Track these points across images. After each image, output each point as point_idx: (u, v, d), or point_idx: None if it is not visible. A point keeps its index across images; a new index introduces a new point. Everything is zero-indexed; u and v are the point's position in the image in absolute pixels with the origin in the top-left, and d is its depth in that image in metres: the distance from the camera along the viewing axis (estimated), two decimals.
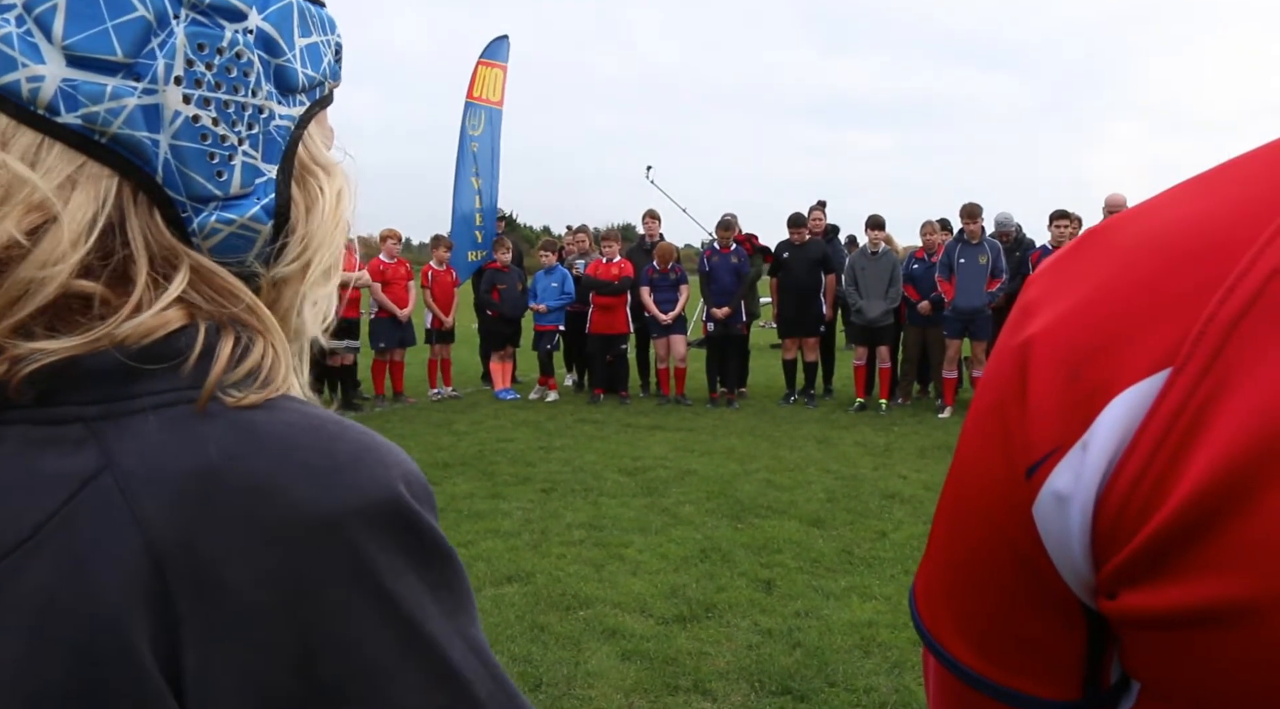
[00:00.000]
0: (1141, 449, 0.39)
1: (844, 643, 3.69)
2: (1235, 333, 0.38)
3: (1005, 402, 0.45)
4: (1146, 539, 0.39)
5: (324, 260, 0.62)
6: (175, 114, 0.55)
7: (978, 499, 0.48)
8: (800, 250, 9.77)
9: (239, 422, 0.52)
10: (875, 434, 8.26)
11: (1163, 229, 0.43)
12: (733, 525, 5.37)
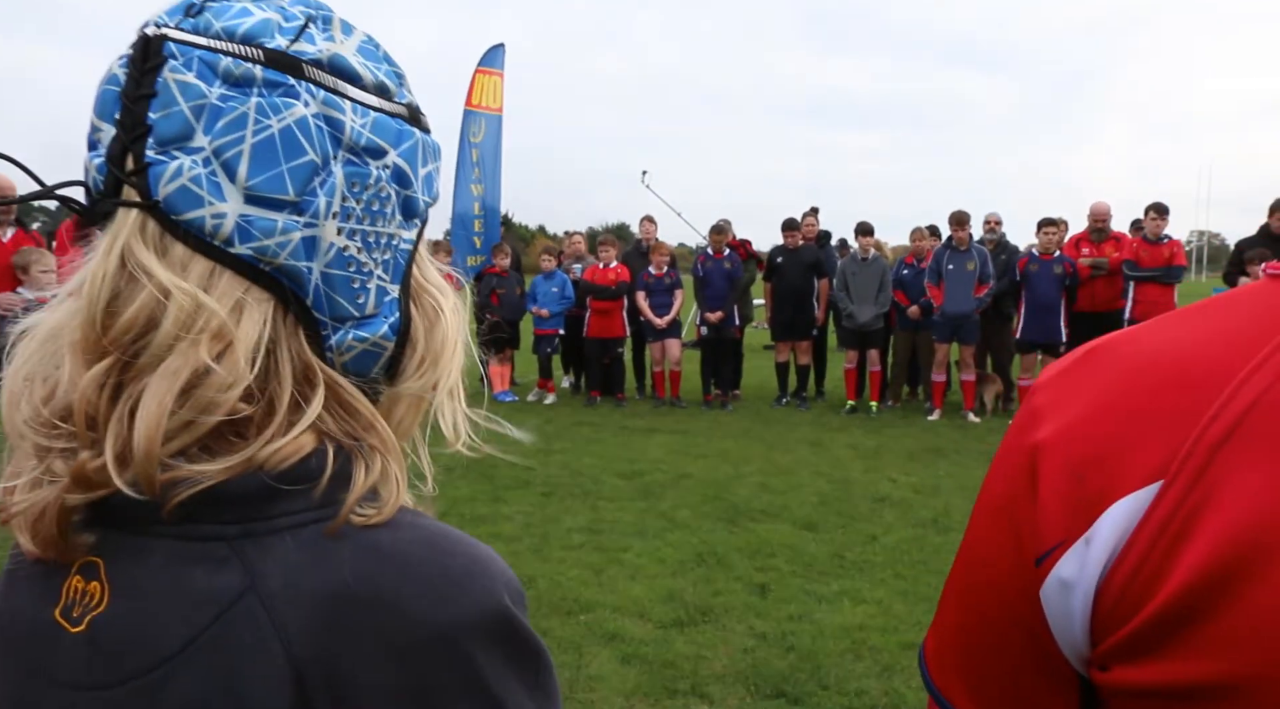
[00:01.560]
0: (1138, 548, 0.46)
1: (836, 646, 3.85)
2: (1219, 454, 0.44)
3: (1017, 497, 0.52)
4: (1141, 623, 0.46)
5: (450, 378, 0.67)
6: (330, 245, 0.60)
7: (990, 579, 0.55)
8: (794, 255, 9.92)
9: (366, 542, 0.57)
10: (866, 437, 8.42)
11: (1156, 352, 0.50)
12: (728, 529, 5.52)
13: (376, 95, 0.63)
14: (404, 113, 0.65)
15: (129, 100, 0.58)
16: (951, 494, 6.33)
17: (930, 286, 9.23)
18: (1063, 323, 8.96)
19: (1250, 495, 0.43)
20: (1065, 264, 8.94)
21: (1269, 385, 0.44)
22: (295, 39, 0.61)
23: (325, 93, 0.61)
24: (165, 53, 0.58)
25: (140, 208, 0.58)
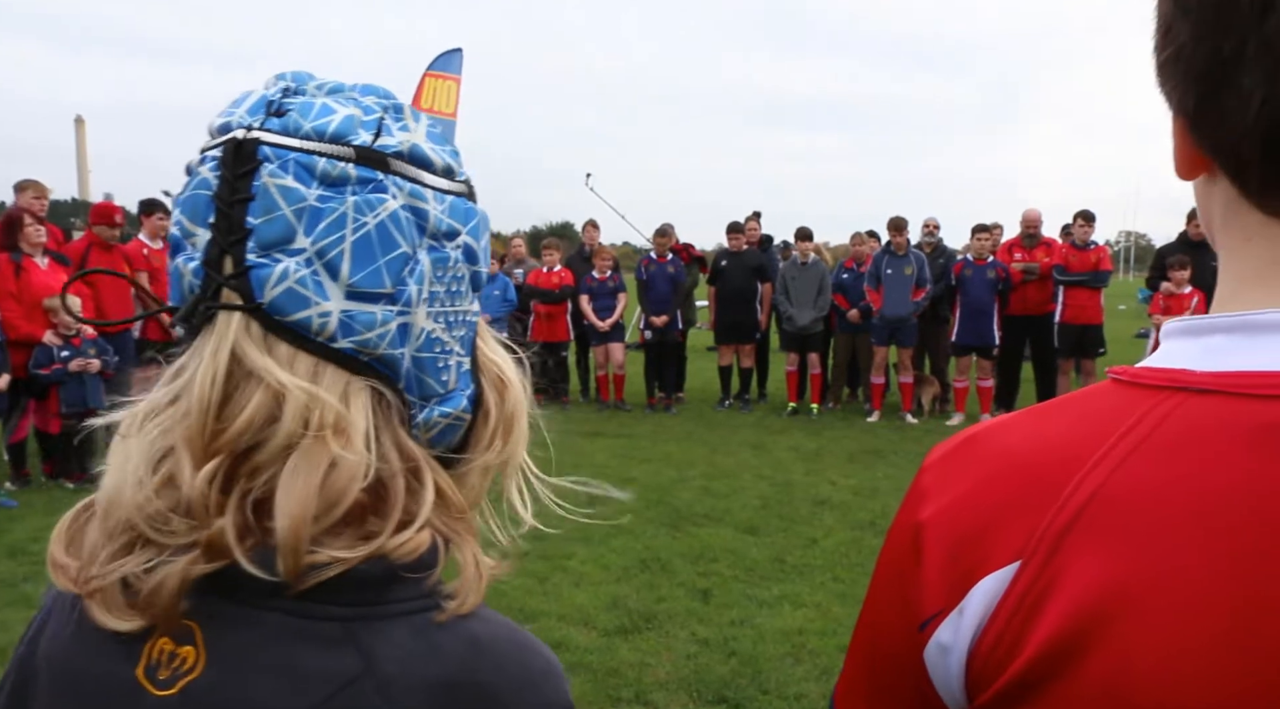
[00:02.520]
0: (1000, 619, 0.51)
1: (776, 651, 3.93)
2: (1064, 541, 0.50)
3: (905, 568, 0.58)
4: (1004, 684, 0.52)
5: (523, 449, 0.70)
6: (421, 330, 0.62)
7: (884, 640, 0.61)
8: (738, 258, 10.04)
9: (465, 634, 0.60)
10: (807, 438, 8.57)
11: (1020, 446, 0.55)
12: (671, 534, 5.58)
13: (445, 178, 0.65)
14: (465, 191, 0.67)
15: (224, 205, 0.59)
16: (889, 496, 6.48)
17: (869, 290, 9.41)
18: (995, 326, 9.20)
19: (1088, 578, 0.49)
20: (998, 269, 9.18)
21: (1103, 482, 0.50)
22: (377, 133, 0.61)
23: (409, 184, 0.62)
24: (260, 156, 0.59)
25: (246, 311, 0.58)
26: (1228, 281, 0.55)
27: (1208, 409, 0.49)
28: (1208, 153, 0.53)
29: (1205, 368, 0.51)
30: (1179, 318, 0.55)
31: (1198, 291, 8.49)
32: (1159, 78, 0.54)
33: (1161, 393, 0.51)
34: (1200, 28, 0.49)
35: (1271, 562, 0.46)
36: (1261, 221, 0.52)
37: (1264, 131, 0.48)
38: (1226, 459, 0.48)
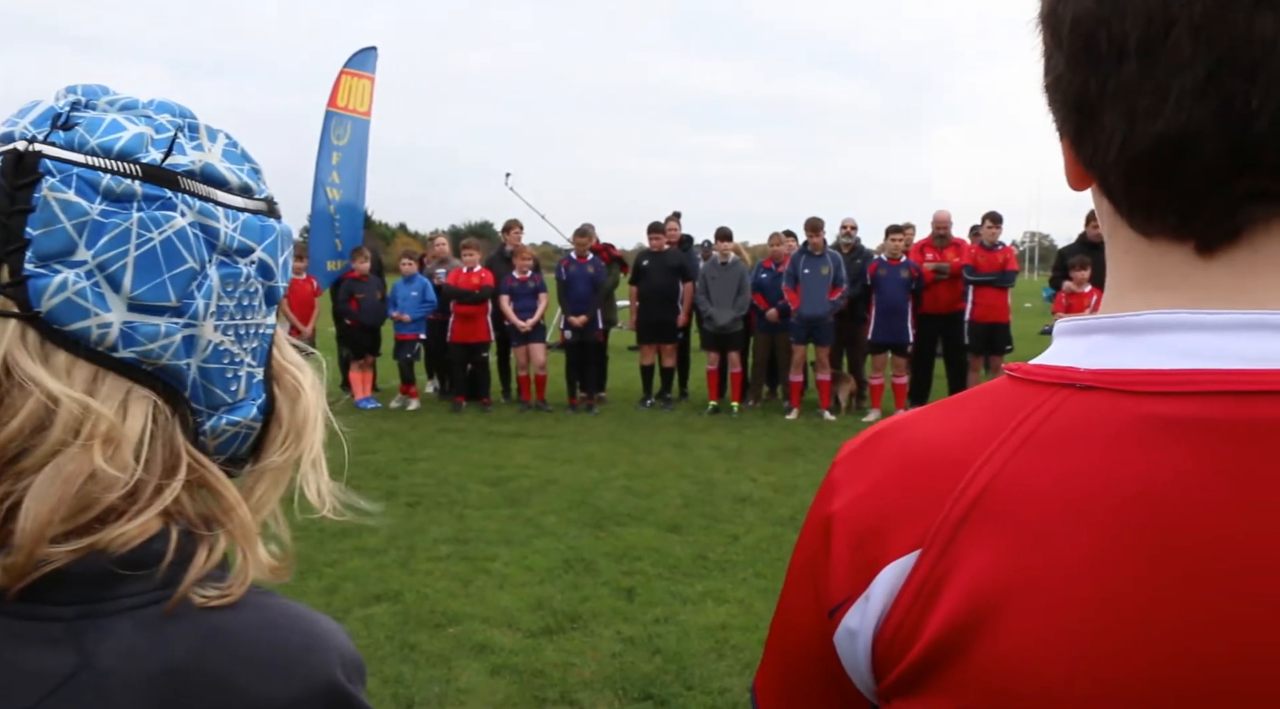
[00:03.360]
0: (902, 605, 0.54)
1: (700, 647, 3.97)
2: (960, 531, 0.53)
3: (816, 558, 0.60)
4: (905, 667, 0.54)
5: (314, 450, 0.70)
6: (208, 342, 0.64)
7: (799, 628, 0.64)
8: (659, 258, 10.10)
9: (205, 624, 0.59)
10: (728, 437, 8.67)
11: (922, 440, 0.58)
12: (594, 534, 5.59)
13: (241, 196, 0.67)
14: (264, 208, 0.69)
15: (3, 215, 0.59)
16: (808, 492, 6.59)
17: (787, 290, 9.57)
18: (910, 324, 9.45)
19: (980, 567, 0.51)
20: (911, 268, 9.44)
21: (995, 475, 0.53)
22: (168, 152, 0.63)
23: (200, 202, 0.63)
24: (41, 169, 0.59)
25: (21, 319, 0.58)
26: (1112, 286, 0.58)
27: (1090, 404, 0.52)
28: (1088, 172, 0.57)
29: (1089, 365, 0.53)
30: (1070, 318, 0.58)
31: (1097, 290, 8.86)
32: (1046, 98, 0.57)
33: (1049, 389, 0.54)
34: (1071, 62, 0.52)
35: (1147, 549, 0.49)
36: (1134, 237, 0.55)
37: (1125, 166, 0.52)
38: (1106, 452, 0.50)
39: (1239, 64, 0.46)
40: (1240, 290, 0.51)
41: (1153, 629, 0.48)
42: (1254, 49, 0.46)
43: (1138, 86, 0.49)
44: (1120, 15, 0.49)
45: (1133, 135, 0.50)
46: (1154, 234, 0.54)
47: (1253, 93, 0.46)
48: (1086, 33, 0.51)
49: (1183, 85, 0.47)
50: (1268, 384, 0.48)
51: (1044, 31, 0.55)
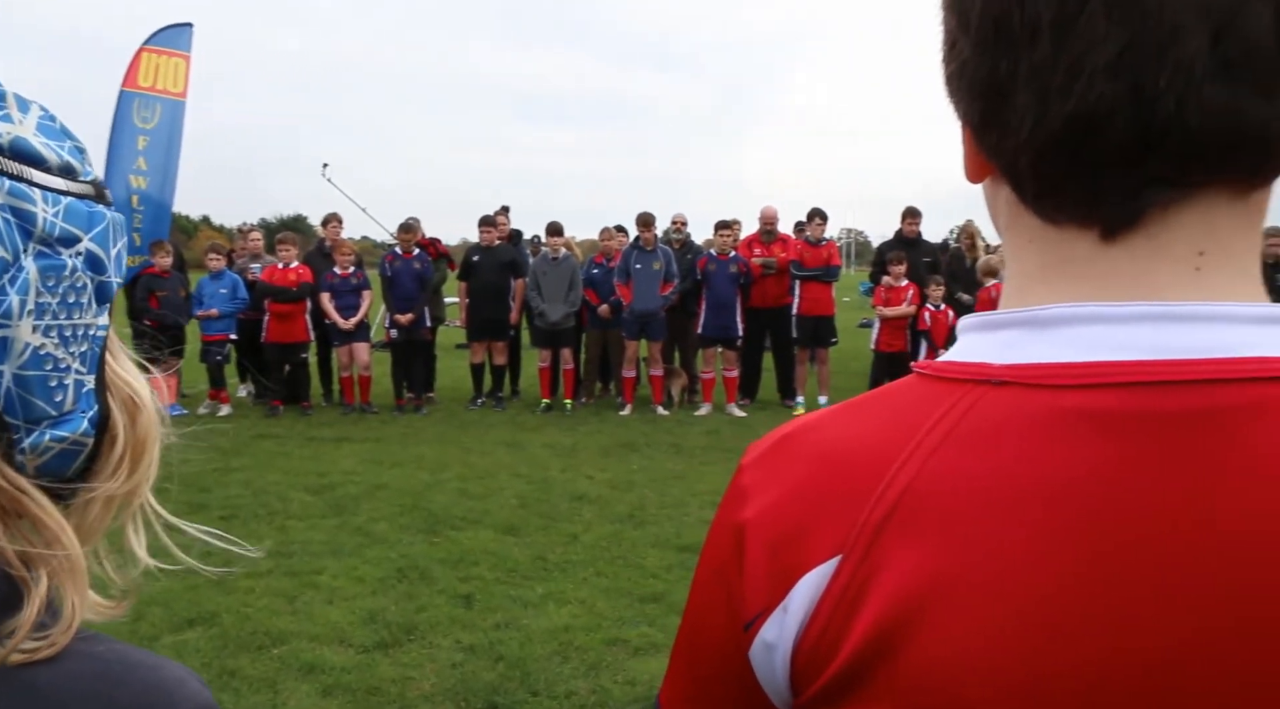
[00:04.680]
0: (822, 614, 0.52)
1: (543, 650, 3.87)
2: (881, 534, 0.51)
3: (728, 569, 0.58)
4: (829, 678, 0.53)
5: (152, 475, 0.62)
6: (25, 346, 0.55)
7: (710, 641, 0.61)
8: (490, 253, 9.89)
9: (22, 685, 0.52)
10: (562, 434, 8.59)
11: (834, 443, 0.57)
12: (428, 540, 5.37)
13: (63, 177, 0.57)
14: (91, 192, 0.60)
15: None
16: (645, 488, 6.61)
17: (619, 285, 9.59)
18: (738, 318, 9.67)
19: (904, 569, 0.50)
20: (739, 263, 9.66)
21: (915, 475, 0.52)
22: None
23: (10, 181, 0.54)
24: None
25: None
26: (1015, 278, 0.57)
27: (1006, 400, 0.52)
28: (991, 160, 0.56)
29: (1003, 360, 0.53)
30: (976, 314, 0.58)
31: (913, 285, 9.37)
32: (947, 89, 0.57)
33: (965, 385, 0.54)
34: (980, 47, 0.52)
35: (1071, 543, 0.48)
36: (1040, 226, 0.55)
37: (1037, 148, 0.51)
38: (1025, 447, 0.50)
39: (1149, 44, 0.46)
40: (1141, 278, 0.51)
41: (1081, 625, 0.48)
42: (1163, 30, 0.46)
43: (1051, 65, 0.49)
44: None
45: (1045, 115, 0.50)
46: (1060, 220, 0.54)
47: (1161, 74, 0.46)
48: (998, 14, 0.50)
49: (1095, 64, 0.48)
50: (1173, 374, 0.49)
51: (950, 18, 0.55)
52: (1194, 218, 0.51)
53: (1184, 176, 0.50)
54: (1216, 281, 0.51)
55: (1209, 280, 0.51)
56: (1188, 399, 0.49)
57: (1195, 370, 0.49)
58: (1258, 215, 0.53)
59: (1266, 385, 0.48)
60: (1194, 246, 0.51)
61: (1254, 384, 0.48)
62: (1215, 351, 0.49)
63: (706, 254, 9.86)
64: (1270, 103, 0.47)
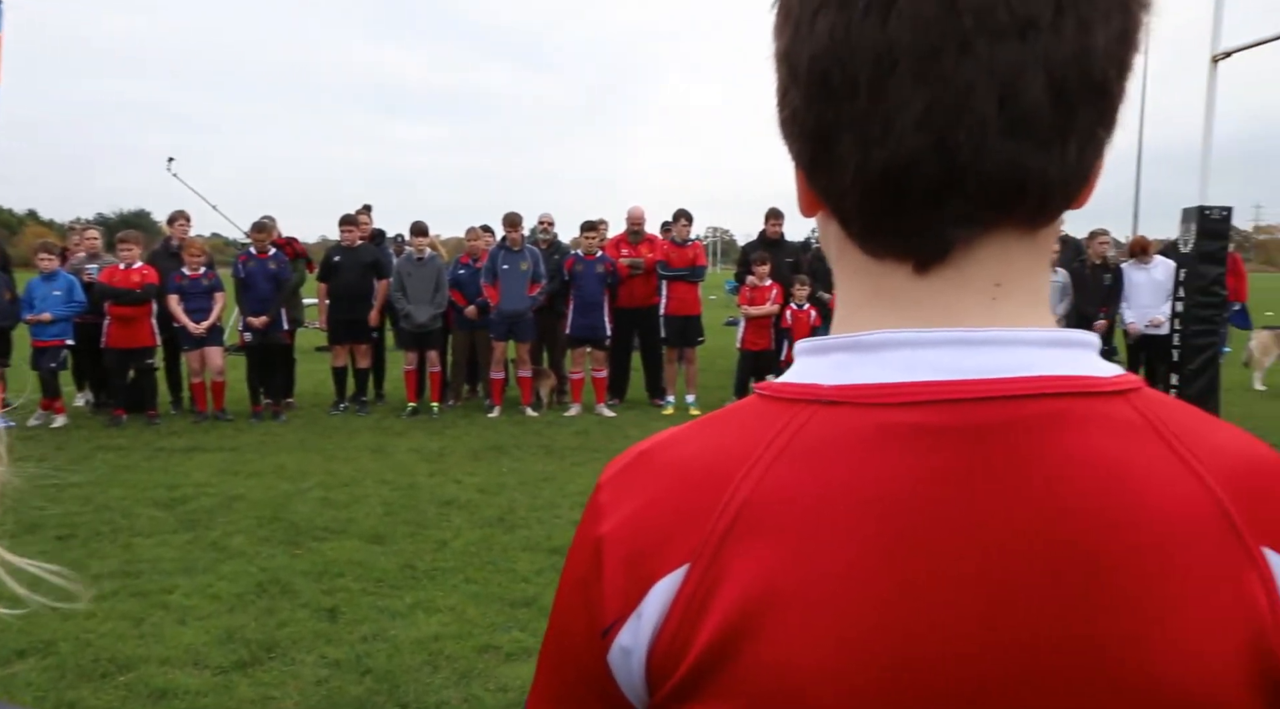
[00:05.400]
0: (673, 619, 0.56)
1: (413, 661, 3.78)
2: (725, 543, 0.55)
3: (588, 580, 0.61)
4: (680, 678, 0.57)
5: None
6: None
7: (572, 648, 0.64)
8: (351, 254, 9.60)
9: None
10: (429, 439, 8.42)
11: (686, 459, 0.60)
12: (289, 552, 5.17)
13: None
14: None
15: None
16: (515, 491, 6.56)
17: (486, 286, 9.47)
18: (606, 318, 9.70)
19: (745, 577, 0.54)
20: (606, 264, 9.69)
21: (754, 488, 0.56)
22: None
23: None
24: None
25: None
26: (844, 306, 0.63)
27: (835, 418, 0.57)
28: (820, 199, 0.61)
29: (832, 381, 0.58)
30: (808, 339, 0.63)
31: (777, 285, 9.62)
32: (781, 132, 0.61)
33: (798, 405, 0.58)
34: (808, 98, 0.56)
35: (896, 548, 0.53)
36: (864, 259, 0.60)
37: (859, 191, 0.56)
38: (852, 461, 0.55)
39: (948, 104, 0.52)
40: (949, 306, 0.58)
41: (909, 626, 0.53)
42: (959, 92, 0.52)
43: (868, 118, 0.54)
44: (851, 55, 0.53)
45: (865, 162, 0.55)
46: (881, 254, 0.59)
47: (959, 129, 0.52)
48: (822, 70, 0.55)
49: (904, 119, 0.53)
50: (975, 392, 0.55)
51: (780, 69, 0.59)
52: (991, 253, 0.57)
53: (982, 217, 0.56)
54: (1010, 309, 0.58)
55: (1004, 308, 0.58)
56: (989, 414, 0.55)
57: (993, 388, 0.55)
58: (1045, 249, 0.60)
59: (1055, 400, 0.55)
60: (992, 279, 0.58)
61: (1045, 399, 0.55)
62: (1010, 371, 0.56)
63: (573, 254, 9.85)
64: (1048, 154, 0.54)
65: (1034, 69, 0.52)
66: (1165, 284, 9.29)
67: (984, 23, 0.51)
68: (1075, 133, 0.54)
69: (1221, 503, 0.55)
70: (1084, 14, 0.52)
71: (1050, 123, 0.53)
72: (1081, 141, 0.55)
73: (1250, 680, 0.54)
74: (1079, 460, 0.54)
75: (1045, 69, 0.52)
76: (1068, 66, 0.52)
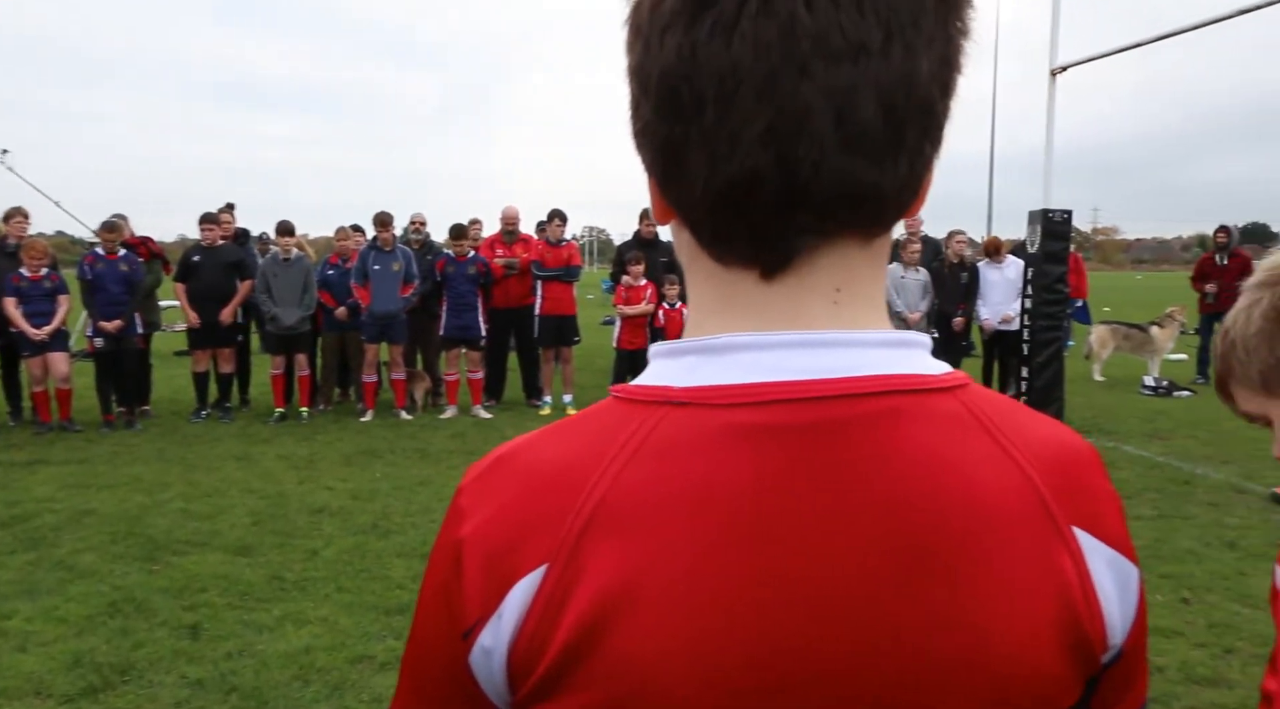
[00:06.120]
0: (532, 618, 0.57)
1: (281, 676, 3.65)
2: (581, 542, 0.57)
3: (449, 583, 0.62)
4: (541, 674, 0.58)
5: None
6: None
7: (434, 652, 0.65)
8: (212, 254, 9.16)
9: None
10: (298, 445, 8.13)
11: (543, 462, 0.62)
12: (146, 569, 4.90)
13: None
14: None
15: None
16: (389, 496, 6.41)
17: (357, 287, 9.21)
18: (481, 319, 9.58)
19: (600, 576, 0.56)
20: (479, 264, 9.57)
21: (609, 488, 0.58)
22: None
23: None
24: None
25: None
26: (695, 311, 0.65)
27: (685, 418, 0.59)
28: (673, 208, 0.63)
29: (683, 383, 0.60)
30: (662, 343, 0.65)
31: (651, 284, 9.71)
32: (635, 143, 0.63)
33: (651, 407, 0.60)
34: (658, 112, 0.58)
35: (741, 542, 0.56)
36: (714, 266, 0.63)
37: (708, 202, 0.59)
38: (700, 459, 0.57)
39: (788, 121, 0.54)
40: (792, 311, 0.60)
41: (757, 616, 0.55)
42: (798, 111, 0.54)
43: (715, 134, 0.56)
44: (698, 74, 0.55)
45: (713, 175, 0.57)
46: (730, 263, 0.61)
47: (799, 146, 0.55)
48: (671, 87, 0.57)
49: (749, 136, 0.55)
50: (817, 391, 0.58)
51: (633, 83, 0.61)
52: (832, 261, 0.61)
53: (823, 227, 0.59)
54: (850, 312, 0.61)
55: (845, 312, 0.61)
56: (829, 411, 0.58)
57: (833, 388, 0.59)
58: (881, 256, 0.64)
59: (890, 398, 0.59)
60: (833, 284, 0.61)
61: (881, 397, 0.59)
62: (849, 371, 0.59)
63: (445, 255, 9.69)
64: (881, 169, 0.57)
65: (866, 90, 0.55)
66: (1016, 282, 9.83)
67: (820, 47, 0.54)
68: (905, 149, 0.57)
69: (1038, 489, 0.61)
70: (910, 40, 0.55)
71: (882, 140, 0.56)
72: (911, 157, 0.58)
73: (1063, 646, 0.60)
74: (912, 454, 0.58)
75: (876, 90, 0.55)
76: (896, 88, 0.55)
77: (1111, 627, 0.63)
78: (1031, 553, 0.60)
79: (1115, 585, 0.63)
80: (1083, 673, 0.62)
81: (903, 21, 0.55)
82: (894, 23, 0.55)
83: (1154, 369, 11.94)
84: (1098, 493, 0.65)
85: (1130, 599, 0.65)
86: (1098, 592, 0.62)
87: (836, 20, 0.54)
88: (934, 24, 0.57)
